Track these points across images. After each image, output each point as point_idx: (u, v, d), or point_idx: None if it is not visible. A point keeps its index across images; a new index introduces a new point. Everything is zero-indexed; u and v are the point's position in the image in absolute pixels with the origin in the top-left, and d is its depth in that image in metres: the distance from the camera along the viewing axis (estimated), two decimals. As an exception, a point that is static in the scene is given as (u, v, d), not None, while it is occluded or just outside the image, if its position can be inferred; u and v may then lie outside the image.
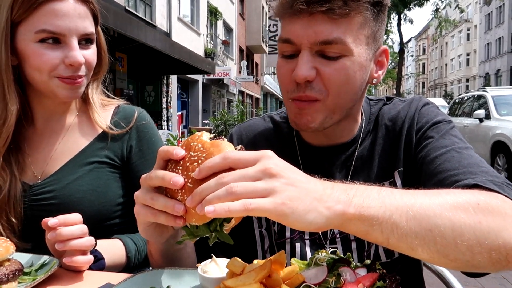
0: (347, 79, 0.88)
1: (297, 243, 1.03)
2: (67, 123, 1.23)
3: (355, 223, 0.61)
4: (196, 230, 0.68)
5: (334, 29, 0.85)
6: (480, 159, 0.86)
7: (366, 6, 0.87)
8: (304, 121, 0.92)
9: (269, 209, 0.57)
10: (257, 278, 0.66)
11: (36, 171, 1.17)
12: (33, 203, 1.12)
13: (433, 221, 0.62)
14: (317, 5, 0.83)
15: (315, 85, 0.88)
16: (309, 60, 0.87)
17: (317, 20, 0.85)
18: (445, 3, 26.41)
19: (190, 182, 0.65)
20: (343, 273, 0.69)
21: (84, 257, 0.92)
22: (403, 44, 28.23)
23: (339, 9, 0.83)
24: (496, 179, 0.77)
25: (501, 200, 0.69)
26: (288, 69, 0.91)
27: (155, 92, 15.70)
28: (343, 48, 0.86)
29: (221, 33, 24.21)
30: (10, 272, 0.82)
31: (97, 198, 1.14)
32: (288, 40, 0.89)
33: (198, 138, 0.70)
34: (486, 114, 8.27)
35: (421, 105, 1.02)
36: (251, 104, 32.35)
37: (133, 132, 1.24)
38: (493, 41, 45.36)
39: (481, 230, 0.63)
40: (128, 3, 12.76)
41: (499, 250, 0.64)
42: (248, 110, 24.58)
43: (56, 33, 1.06)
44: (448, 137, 0.92)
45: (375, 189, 0.65)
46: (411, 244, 0.63)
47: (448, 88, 60.70)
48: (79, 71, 1.11)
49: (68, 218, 0.91)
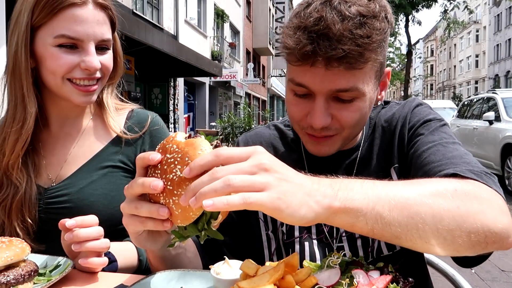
0: (361, 117, 0.93)
1: (306, 242, 1.04)
2: (81, 127, 1.24)
3: (340, 216, 0.63)
4: (184, 231, 0.68)
5: (351, 79, 0.87)
6: (465, 152, 0.89)
7: (379, 49, 0.88)
8: (323, 152, 0.97)
9: (266, 203, 0.58)
10: (271, 279, 0.67)
11: (51, 174, 1.18)
12: (48, 206, 1.14)
13: (414, 209, 0.66)
14: (335, 62, 0.83)
15: (331, 126, 0.92)
16: (325, 107, 0.90)
17: (334, 73, 0.86)
18: (453, 4, 26.20)
19: (170, 184, 0.65)
20: (356, 275, 0.69)
21: (99, 258, 0.93)
22: (411, 46, 28.05)
23: (356, 63, 0.84)
24: (475, 169, 0.80)
25: (477, 186, 0.73)
26: (301, 109, 0.94)
27: (162, 94, 15.79)
28: (357, 93, 0.89)
29: (228, 36, 24.28)
30: (26, 273, 0.83)
31: (111, 202, 1.15)
32: (303, 85, 0.90)
33: (172, 139, 0.69)
34: (496, 116, 8.17)
35: (414, 105, 1.06)
36: (257, 107, 32.37)
37: (146, 137, 1.25)
38: (503, 43, 44.90)
39: (459, 215, 0.67)
40: (135, 6, 12.86)
41: (478, 232, 0.67)
42: (254, 113, 24.60)
43: (74, 38, 1.07)
44: (437, 133, 0.96)
45: (358, 182, 0.67)
46: (395, 232, 0.65)
47: (457, 90, 60.16)
48: (94, 75, 1.12)
49: (85, 220, 0.92)
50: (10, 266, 0.83)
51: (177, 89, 16.40)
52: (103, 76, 1.17)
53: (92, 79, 1.13)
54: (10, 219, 1.10)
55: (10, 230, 1.10)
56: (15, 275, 0.81)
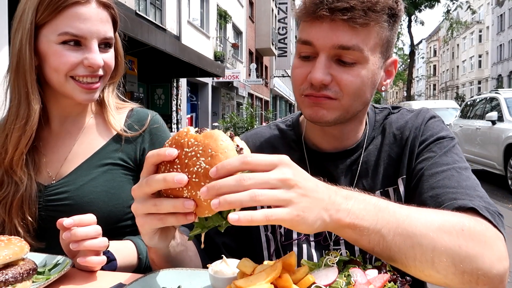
0: (362, 85, 0.93)
1: (304, 244, 1.05)
2: (82, 125, 1.25)
3: (347, 230, 0.69)
4: (206, 222, 0.68)
5: (354, 36, 0.89)
6: (477, 183, 0.91)
7: (384, 17, 0.91)
8: (320, 115, 0.95)
9: (285, 220, 0.62)
10: (268, 278, 0.66)
11: (51, 172, 1.19)
12: (48, 204, 1.14)
13: (417, 240, 0.69)
14: (340, 13, 0.87)
15: (331, 87, 0.92)
16: (326, 65, 0.91)
17: (339, 27, 0.89)
18: (456, 4, 26.10)
19: (195, 177, 0.65)
20: (353, 274, 0.69)
21: (97, 257, 0.93)
22: (413, 46, 28.01)
23: (360, 18, 0.87)
24: (490, 207, 0.82)
25: (485, 227, 0.75)
26: (304, 71, 0.95)
27: (165, 95, 15.80)
28: (359, 56, 0.90)
29: (231, 36, 24.30)
30: (25, 271, 0.84)
31: (110, 199, 1.15)
32: (308, 42, 0.93)
33: (186, 133, 0.69)
34: (498, 116, 8.13)
35: (427, 118, 1.06)
36: (260, 107, 32.39)
37: (146, 135, 1.25)
38: (506, 43, 44.69)
39: (459, 255, 0.69)
40: (138, 7, 12.89)
41: (471, 273, 0.70)
42: (257, 113, 24.60)
43: (78, 36, 1.08)
44: (450, 155, 0.97)
45: (372, 201, 0.71)
46: (393, 257, 0.70)
47: (460, 90, 59.90)
48: (97, 72, 1.13)
49: (83, 219, 0.93)
50: (8, 265, 0.83)
51: (179, 89, 16.41)
52: (105, 74, 1.17)
53: (95, 77, 1.13)
54: (11, 217, 1.10)
55: (10, 228, 1.10)
56: (14, 274, 0.82)
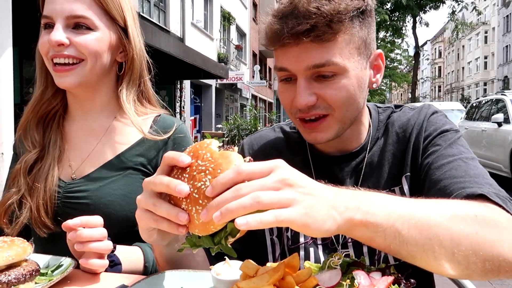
0: (349, 95, 0.92)
1: (311, 248, 1.04)
2: (105, 124, 1.24)
3: (361, 229, 0.65)
4: (198, 240, 0.66)
5: (325, 53, 0.88)
6: (485, 171, 0.89)
7: (351, 22, 0.89)
8: (319, 138, 0.96)
9: (296, 220, 0.59)
10: (271, 280, 0.66)
11: (73, 168, 1.20)
12: (66, 200, 1.15)
13: (433, 231, 0.66)
14: (303, 36, 0.86)
15: (319, 105, 0.92)
16: (307, 86, 0.91)
17: (307, 48, 0.88)
18: (461, 5, 25.97)
19: (196, 192, 0.63)
20: (357, 276, 0.68)
21: (99, 260, 0.92)
22: (418, 48, 27.92)
23: (325, 34, 0.86)
24: (500, 193, 0.80)
25: (498, 212, 0.73)
26: (289, 96, 0.95)
27: (169, 96, 15.85)
28: (336, 68, 0.89)
29: (234, 38, 24.35)
30: (27, 273, 0.84)
31: (127, 204, 1.14)
32: (283, 68, 0.93)
33: (207, 146, 0.67)
34: (505, 118, 8.07)
35: (430, 113, 1.04)
36: (264, 109, 32.37)
37: (169, 143, 1.23)
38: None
39: (477, 241, 0.67)
40: (142, 9, 12.96)
41: (493, 261, 0.67)
42: (261, 115, 24.61)
43: (47, 16, 1.11)
44: (455, 146, 0.95)
45: (379, 196, 0.68)
46: (411, 251, 0.66)
47: (465, 92, 59.56)
48: (64, 51, 1.09)
49: (89, 220, 0.92)
50: (11, 266, 0.83)
51: (183, 91, 16.46)
52: (85, 59, 1.12)
53: (62, 57, 1.09)
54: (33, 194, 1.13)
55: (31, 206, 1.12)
56: (16, 275, 0.82)
